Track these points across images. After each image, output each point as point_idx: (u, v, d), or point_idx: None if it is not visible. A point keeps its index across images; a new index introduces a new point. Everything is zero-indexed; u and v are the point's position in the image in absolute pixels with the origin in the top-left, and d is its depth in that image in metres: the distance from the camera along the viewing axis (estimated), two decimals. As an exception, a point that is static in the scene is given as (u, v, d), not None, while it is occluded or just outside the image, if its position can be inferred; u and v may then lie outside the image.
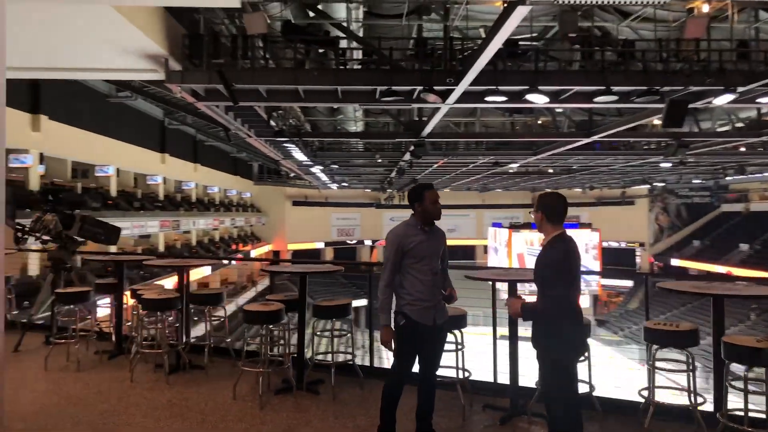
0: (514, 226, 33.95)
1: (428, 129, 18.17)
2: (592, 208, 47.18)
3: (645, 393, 4.33)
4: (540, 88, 12.43)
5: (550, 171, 31.61)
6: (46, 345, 5.58)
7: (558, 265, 3.26)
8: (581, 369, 4.42)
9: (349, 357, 5.01)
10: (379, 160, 25.75)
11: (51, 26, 12.02)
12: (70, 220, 6.30)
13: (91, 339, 5.82)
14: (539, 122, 22.43)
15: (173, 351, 5.29)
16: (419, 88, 13.14)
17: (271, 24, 14.02)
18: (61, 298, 5.63)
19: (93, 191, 25.63)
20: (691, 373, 4.21)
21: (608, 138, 19.74)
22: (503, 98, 13.04)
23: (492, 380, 4.87)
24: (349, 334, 5.15)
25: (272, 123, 18.29)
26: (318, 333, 4.85)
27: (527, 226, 33.99)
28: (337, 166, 28.74)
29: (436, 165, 27.14)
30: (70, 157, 23.89)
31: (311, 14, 14.88)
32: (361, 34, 15.08)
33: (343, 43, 14.64)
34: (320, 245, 47.29)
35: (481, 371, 4.68)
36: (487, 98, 12.96)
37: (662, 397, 4.32)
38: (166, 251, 30.39)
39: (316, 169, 28.44)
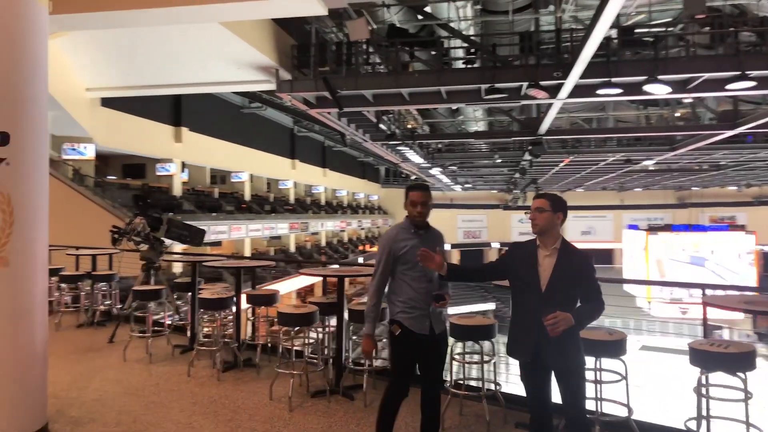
0: (653, 229, 31.09)
1: (545, 126, 17.29)
2: (750, 207, 41.99)
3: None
4: (661, 77, 11.27)
5: (696, 168, 28.61)
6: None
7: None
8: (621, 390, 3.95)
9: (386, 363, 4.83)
10: (498, 161, 25.02)
11: (178, 46, 13.23)
12: (157, 222, 6.80)
13: (166, 334, 6.23)
14: (677, 114, 20.30)
15: (230, 348, 5.51)
16: (525, 84, 12.58)
17: (376, 30, 14.19)
18: (138, 295, 6.10)
19: (229, 196, 27.82)
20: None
21: (761, 129, 17.31)
22: (618, 90, 11.98)
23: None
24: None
25: (382, 126, 18.51)
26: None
27: (667, 228, 31.03)
28: (456, 168, 28.41)
29: (562, 164, 25.76)
30: (208, 164, 26.06)
31: (419, 17, 14.88)
32: (471, 32, 14.77)
33: (450, 43, 14.46)
34: (446, 247, 46.80)
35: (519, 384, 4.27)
36: (600, 91, 12.01)
37: None
38: (297, 252, 32.12)
39: (435, 171, 28.33)
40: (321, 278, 8.81)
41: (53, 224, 3.99)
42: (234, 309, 5.68)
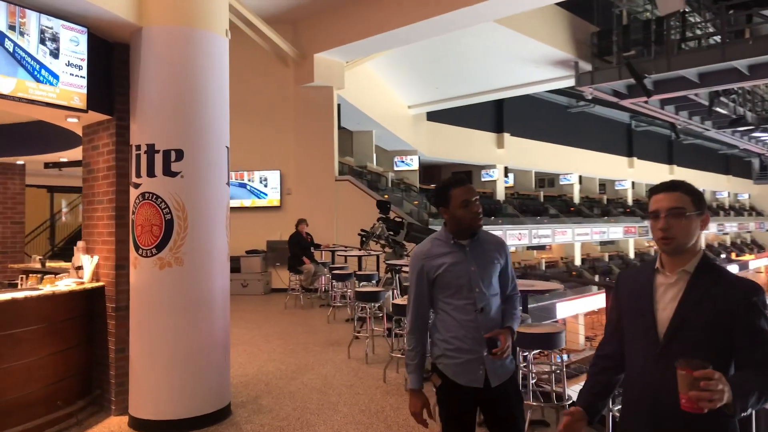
0: None
1: None
2: None
3: None
4: None
5: None
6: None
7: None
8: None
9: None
10: None
11: (474, 55, 13.56)
12: (398, 227, 7.04)
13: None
14: None
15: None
16: None
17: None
18: (359, 296, 6.36)
19: (557, 199, 27.07)
20: None
21: None
22: None
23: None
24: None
25: (720, 110, 15.40)
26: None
27: None
28: None
29: None
30: (532, 168, 25.89)
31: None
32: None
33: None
34: None
35: None
36: None
37: None
38: (638, 257, 29.23)
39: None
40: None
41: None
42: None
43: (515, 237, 20.92)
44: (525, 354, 4.18)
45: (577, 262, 26.08)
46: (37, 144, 6.65)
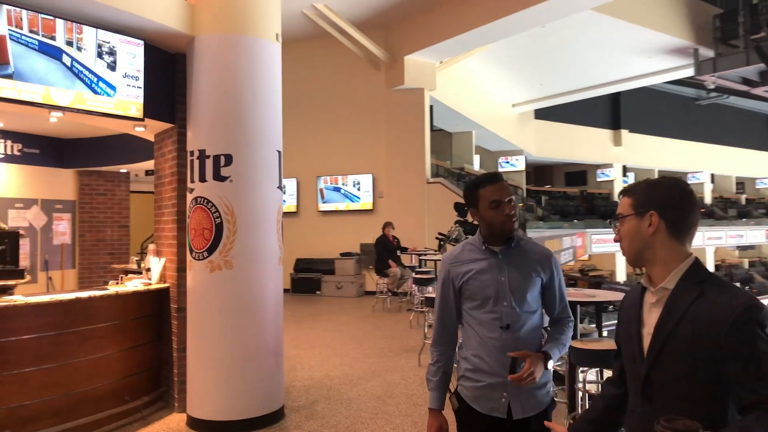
0: None
1: None
2: None
3: None
4: None
5: None
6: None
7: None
8: None
9: None
10: None
11: (579, 49, 12.78)
12: (475, 230, 6.73)
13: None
14: None
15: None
16: None
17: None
18: (428, 302, 6.11)
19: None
20: None
21: None
22: None
23: None
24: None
25: None
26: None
27: None
28: None
29: None
30: (654, 166, 23.94)
31: None
32: None
33: None
34: None
35: None
36: None
37: None
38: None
39: None
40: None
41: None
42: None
43: (635, 241, 19.41)
44: (583, 371, 3.74)
45: (711, 268, 23.66)
46: (136, 153, 7.17)
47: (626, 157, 22.09)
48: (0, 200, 7.36)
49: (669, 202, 1.44)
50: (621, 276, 20.30)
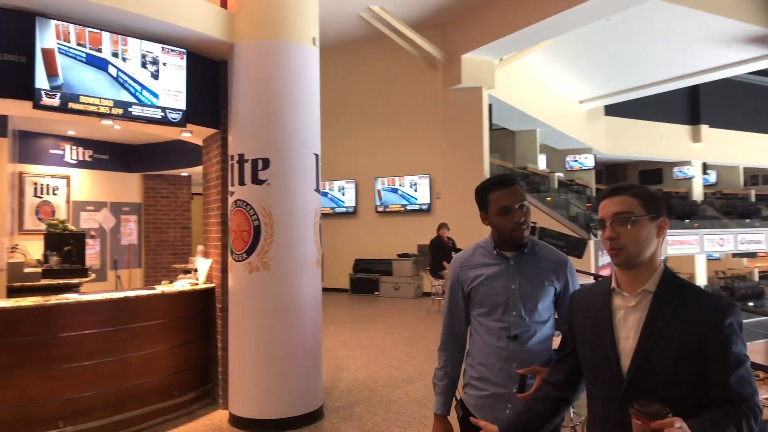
0: None
1: None
2: None
3: None
4: None
5: None
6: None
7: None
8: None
9: None
10: None
11: (648, 41, 12.17)
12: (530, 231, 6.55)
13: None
14: None
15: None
16: None
17: None
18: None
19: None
20: None
21: None
22: None
23: None
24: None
25: None
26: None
27: None
28: None
29: None
30: (739, 163, 22.44)
31: None
32: None
33: None
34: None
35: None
36: None
37: None
38: None
39: None
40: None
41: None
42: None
43: (716, 242, 18.25)
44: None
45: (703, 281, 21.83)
46: (196, 158, 7.46)
47: (707, 153, 20.82)
48: (73, 203, 7.88)
49: (665, 209, 1.49)
50: (701, 280, 19.14)
